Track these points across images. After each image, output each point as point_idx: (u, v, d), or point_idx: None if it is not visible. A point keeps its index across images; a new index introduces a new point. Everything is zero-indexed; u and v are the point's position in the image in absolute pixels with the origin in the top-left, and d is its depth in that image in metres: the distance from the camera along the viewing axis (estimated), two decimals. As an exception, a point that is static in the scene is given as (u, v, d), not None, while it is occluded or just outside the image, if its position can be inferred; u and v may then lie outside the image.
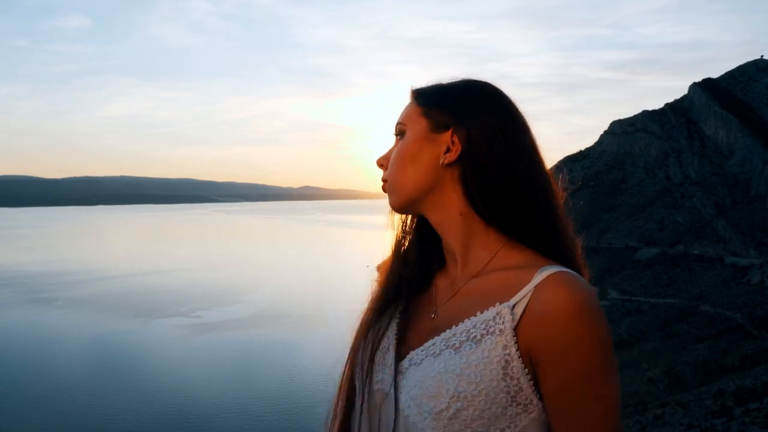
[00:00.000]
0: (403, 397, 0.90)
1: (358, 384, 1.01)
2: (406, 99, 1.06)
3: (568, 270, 0.87)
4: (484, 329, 0.87)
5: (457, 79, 1.02)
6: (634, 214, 77.33)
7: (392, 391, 0.92)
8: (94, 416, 36.05)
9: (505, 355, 0.85)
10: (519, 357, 0.84)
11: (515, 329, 0.85)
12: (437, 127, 0.97)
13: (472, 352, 0.86)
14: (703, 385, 35.76)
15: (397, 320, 1.02)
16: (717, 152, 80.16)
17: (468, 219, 0.95)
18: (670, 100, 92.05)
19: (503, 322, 0.85)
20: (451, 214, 0.97)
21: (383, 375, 0.96)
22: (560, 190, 0.99)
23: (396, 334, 0.99)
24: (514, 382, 0.85)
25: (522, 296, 0.86)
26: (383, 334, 1.01)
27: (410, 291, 1.04)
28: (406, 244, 1.09)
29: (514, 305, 0.86)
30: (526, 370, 0.85)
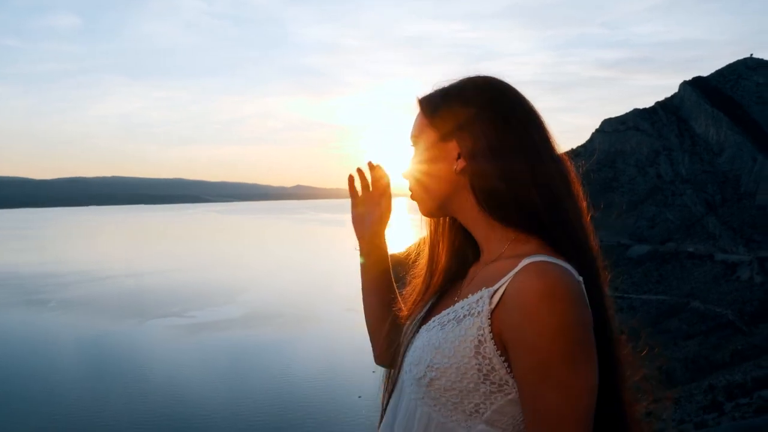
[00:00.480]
0: (404, 362, 1.06)
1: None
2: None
3: (552, 259, 0.92)
4: (467, 311, 0.96)
5: (461, 78, 1.07)
6: (625, 212, 77.71)
7: (400, 357, 1.09)
8: (87, 417, 35.94)
9: (478, 335, 0.92)
10: (492, 339, 0.92)
11: (492, 313, 0.92)
12: (444, 137, 1.04)
13: (452, 329, 0.96)
14: (693, 381, 36.07)
15: (431, 303, 1.12)
16: (707, 150, 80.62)
17: (485, 217, 1.03)
18: (662, 98, 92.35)
19: (482, 305, 0.93)
20: (471, 214, 1.05)
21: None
22: (576, 181, 1.06)
23: (425, 314, 1.10)
24: (486, 361, 0.92)
25: (503, 283, 0.92)
26: (417, 314, 1.13)
27: (447, 279, 1.15)
28: (444, 238, 1.18)
29: (495, 291, 0.93)
30: (499, 352, 0.92)
